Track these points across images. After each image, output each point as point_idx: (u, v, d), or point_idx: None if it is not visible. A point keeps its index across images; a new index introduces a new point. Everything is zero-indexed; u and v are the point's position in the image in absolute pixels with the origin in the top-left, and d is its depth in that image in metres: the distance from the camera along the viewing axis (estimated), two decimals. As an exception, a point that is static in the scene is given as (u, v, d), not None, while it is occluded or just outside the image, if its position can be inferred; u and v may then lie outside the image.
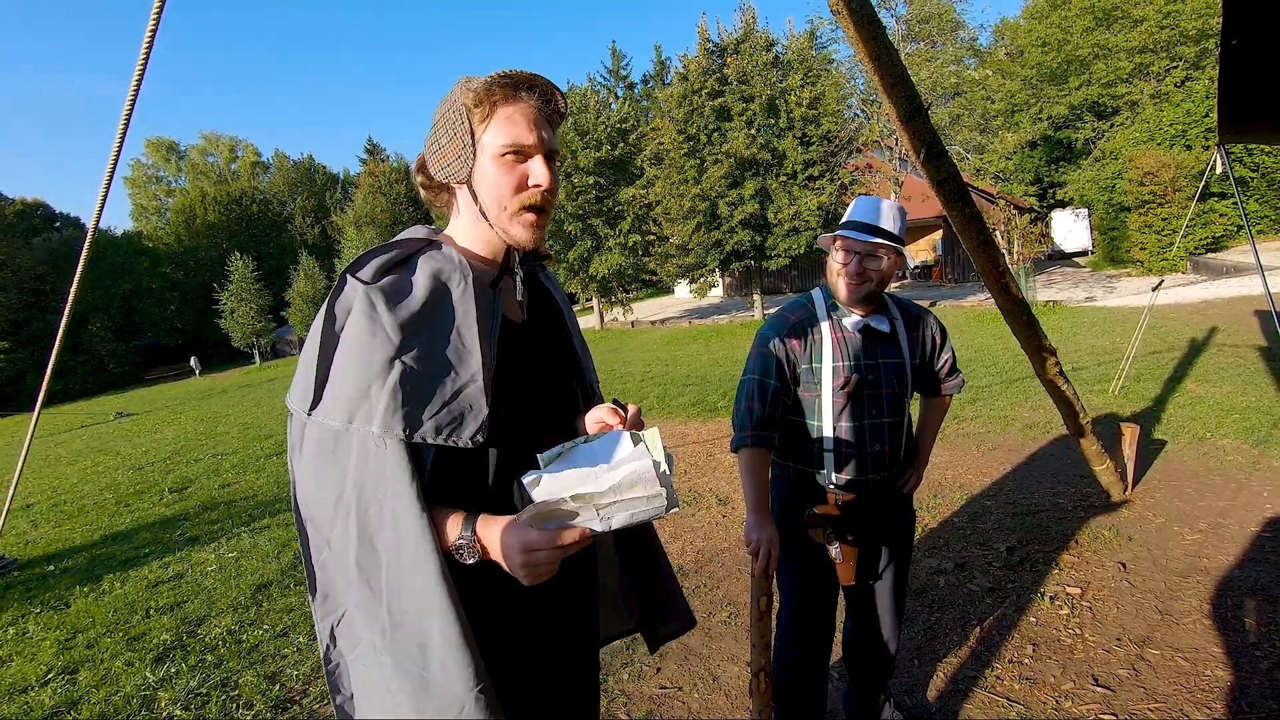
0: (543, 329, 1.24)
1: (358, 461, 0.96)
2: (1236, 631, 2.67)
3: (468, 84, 1.07)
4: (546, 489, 0.92)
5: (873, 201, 1.90)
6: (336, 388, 0.97)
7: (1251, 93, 2.72)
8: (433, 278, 1.04)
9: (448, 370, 1.01)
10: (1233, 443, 4.75)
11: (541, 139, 1.07)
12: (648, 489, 0.92)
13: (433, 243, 1.11)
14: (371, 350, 0.96)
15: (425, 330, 1.00)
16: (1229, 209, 17.78)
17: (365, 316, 0.97)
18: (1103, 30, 21.94)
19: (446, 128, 1.08)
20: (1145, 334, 7.14)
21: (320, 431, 0.98)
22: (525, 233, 1.10)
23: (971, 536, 3.78)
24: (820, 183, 17.12)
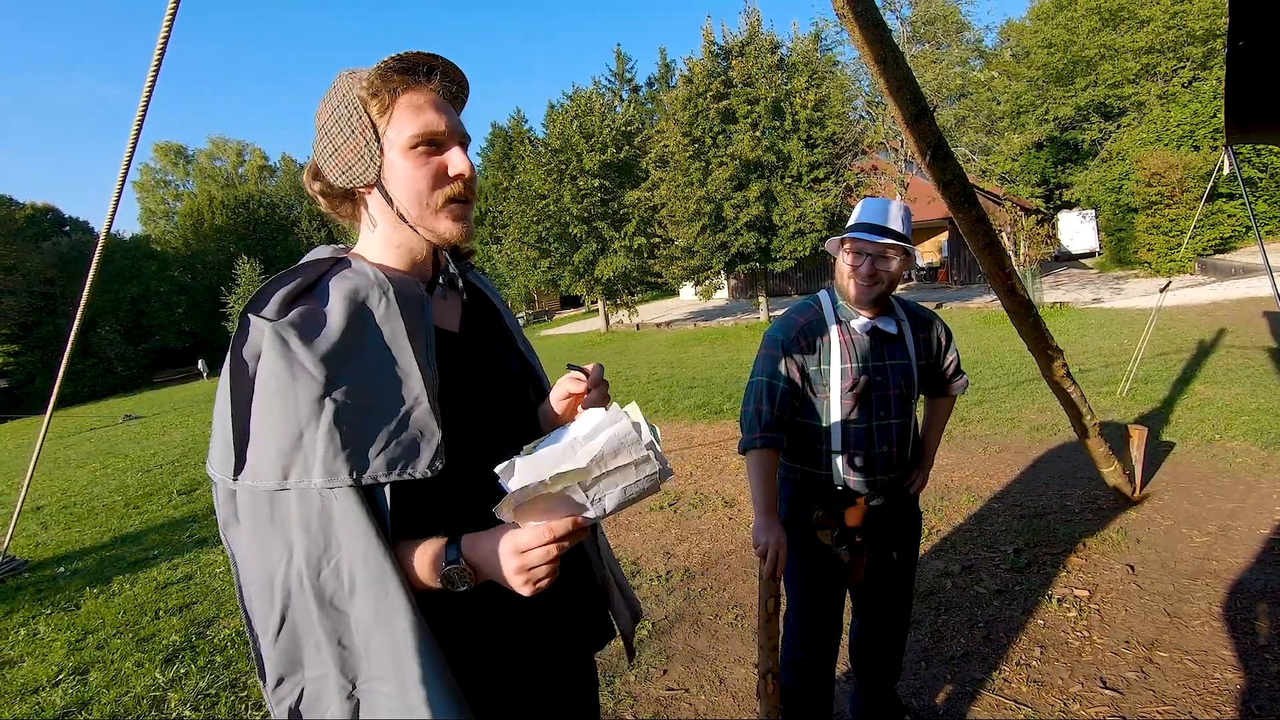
0: (483, 335, 1.14)
1: (301, 521, 0.85)
2: (1246, 634, 2.65)
3: (354, 75, 0.96)
4: (522, 474, 0.83)
5: (881, 202, 1.91)
6: (261, 444, 0.85)
7: (1259, 93, 2.72)
8: (348, 299, 0.92)
9: (387, 398, 0.90)
10: (1242, 445, 4.73)
11: (454, 125, 0.98)
12: (633, 453, 0.82)
13: (340, 261, 1.00)
14: (295, 393, 0.84)
15: (352, 359, 0.89)
16: (1237, 209, 17.67)
17: (279, 357, 0.85)
18: (1109, 31, 21.88)
19: (340, 126, 0.96)
20: (1153, 335, 7.10)
21: (252, 497, 0.86)
22: (454, 226, 1.00)
23: (978, 539, 3.77)
24: (825, 185, 17.10)
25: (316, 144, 0.99)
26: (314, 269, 0.98)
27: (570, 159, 21.25)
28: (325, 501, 0.84)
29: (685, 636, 3.11)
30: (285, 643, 0.88)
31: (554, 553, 0.84)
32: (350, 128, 0.95)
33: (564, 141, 21.46)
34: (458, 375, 1.03)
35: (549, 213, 21.71)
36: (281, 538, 0.86)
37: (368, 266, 0.98)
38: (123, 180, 2.46)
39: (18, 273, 29.91)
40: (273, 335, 0.86)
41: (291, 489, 0.84)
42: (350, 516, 0.84)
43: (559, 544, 0.83)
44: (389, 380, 0.91)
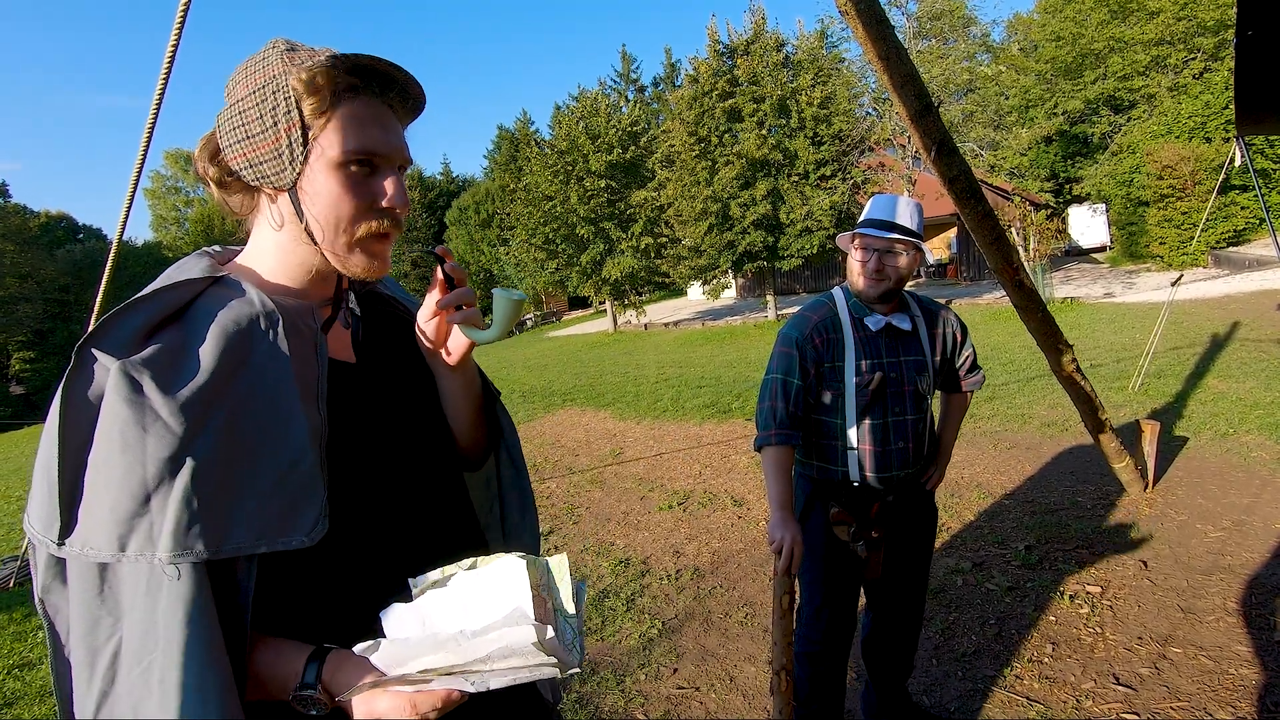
0: (386, 362, 0.98)
1: (131, 595, 0.69)
2: (1262, 630, 2.63)
3: (294, 55, 0.81)
4: (386, 658, 0.71)
5: (890, 198, 1.92)
6: (96, 506, 0.69)
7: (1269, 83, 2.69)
8: (224, 332, 0.76)
9: (262, 453, 0.75)
10: (1256, 439, 4.68)
11: (397, 148, 0.85)
12: (529, 659, 0.70)
13: (219, 279, 0.83)
14: (144, 449, 0.68)
15: (221, 407, 0.74)
16: (1250, 201, 17.46)
17: (127, 405, 0.69)
18: (1118, 23, 21.69)
19: (261, 114, 0.80)
20: (1165, 329, 7.04)
21: (78, 566, 0.70)
22: (368, 264, 0.86)
23: (989, 535, 3.75)
24: (832, 182, 17.04)
25: (223, 120, 0.83)
26: (183, 290, 0.80)
27: (576, 160, 21.28)
28: (168, 582, 0.68)
29: (695, 635, 3.11)
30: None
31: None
32: (273, 119, 0.79)
33: (570, 143, 21.50)
34: (352, 415, 0.89)
35: (556, 214, 21.76)
36: (110, 614, 0.71)
37: (253, 291, 0.82)
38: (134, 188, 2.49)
39: (33, 280, 30.30)
40: (120, 376, 0.70)
41: (127, 563, 0.69)
42: (182, 598, 0.68)
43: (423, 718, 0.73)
44: (267, 431, 0.76)
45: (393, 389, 0.96)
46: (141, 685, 0.68)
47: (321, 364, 0.85)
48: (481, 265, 36.77)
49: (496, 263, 34.03)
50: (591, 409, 9.35)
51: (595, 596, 3.61)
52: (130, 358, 0.71)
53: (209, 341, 0.76)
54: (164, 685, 0.67)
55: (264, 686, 0.77)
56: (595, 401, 9.83)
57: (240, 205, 0.88)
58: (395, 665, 0.72)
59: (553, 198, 21.68)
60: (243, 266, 0.89)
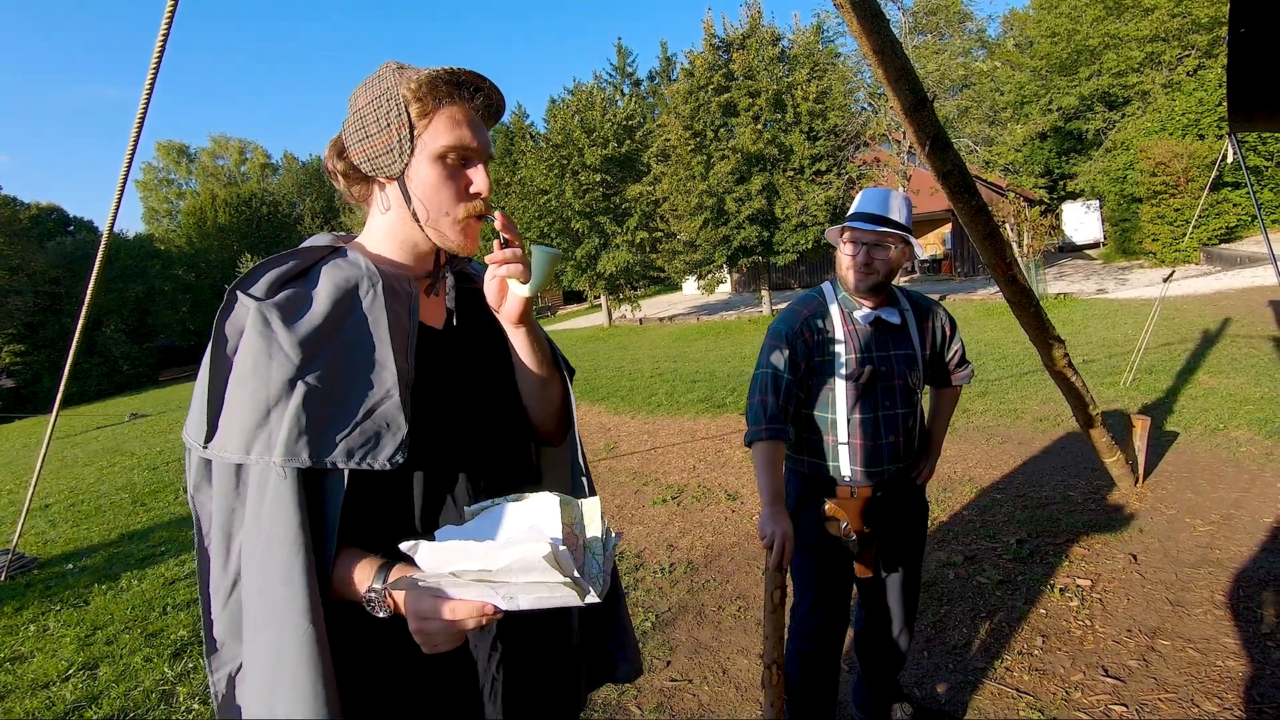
0: (473, 334, 1.13)
1: (256, 496, 0.86)
2: (1249, 622, 2.66)
3: (403, 72, 0.98)
4: (425, 559, 0.81)
5: (879, 192, 1.92)
6: (232, 417, 0.87)
7: (1261, 80, 2.70)
8: (336, 288, 0.96)
9: (358, 387, 0.92)
10: (1246, 434, 4.72)
11: (485, 144, 1.02)
12: (546, 576, 0.78)
13: (337, 250, 1.03)
14: (269, 372, 0.87)
15: (330, 346, 0.92)
16: (1242, 198, 17.55)
17: (259, 336, 0.88)
18: (1113, 19, 21.72)
19: (377, 117, 0.98)
20: (1157, 325, 7.08)
21: (220, 467, 0.89)
22: (466, 241, 1.03)
23: (981, 529, 3.77)
24: (828, 177, 17.03)
25: (348, 125, 1.01)
26: (310, 254, 1.01)
27: (572, 154, 21.20)
28: (279, 481, 0.85)
29: (689, 628, 3.12)
30: (234, 610, 0.89)
31: (453, 630, 0.84)
32: (387, 121, 0.97)
33: (565, 136, 21.41)
34: (437, 373, 1.03)
35: (551, 208, 21.68)
36: (243, 505, 0.88)
37: (362, 258, 1.01)
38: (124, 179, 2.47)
39: (23, 273, 30.00)
40: (256, 314, 0.89)
41: (253, 465, 0.86)
42: (286, 497, 0.85)
43: (459, 623, 0.83)
44: (363, 370, 0.93)
45: (472, 356, 1.11)
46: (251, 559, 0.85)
47: (413, 323, 1.01)
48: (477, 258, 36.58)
49: (491, 257, 33.84)
50: (586, 403, 9.35)
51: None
52: (266, 301, 0.90)
53: (323, 294, 0.94)
54: (264, 561, 0.84)
55: (346, 588, 0.91)
56: (590, 396, 9.83)
57: (359, 194, 1.06)
58: (432, 565, 0.81)
59: (547, 191, 21.60)
60: (358, 243, 1.08)
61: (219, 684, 0.91)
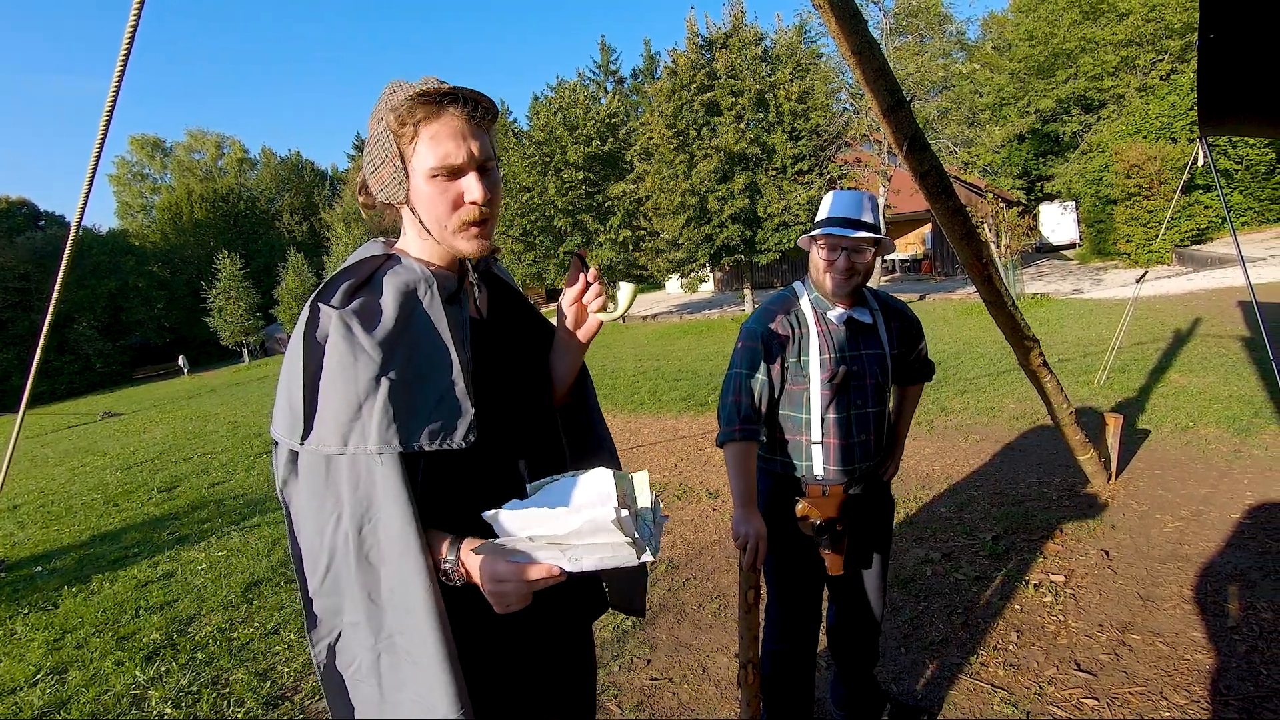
0: (506, 322, 1.25)
1: (352, 482, 0.97)
2: (1216, 616, 2.72)
3: (392, 98, 1.05)
4: (504, 525, 0.93)
5: (852, 195, 1.92)
6: (327, 414, 0.98)
7: (1230, 85, 2.76)
8: (399, 291, 1.06)
9: (430, 378, 1.03)
10: (1215, 432, 4.82)
11: (471, 154, 1.06)
12: (610, 537, 0.90)
13: (391, 257, 1.13)
14: (356, 372, 0.97)
15: (403, 343, 1.02)
16: (1213, 201, 17.94)
17: (344, 340, 0.98)
18: (1089, 24, 22.09)
19: (378, 149, 1.07)
20: (1130, 325, 7.21)
21: (312, 460, 1.00)
22: (470, 246, 1.11)
23: (958, 526, 3.82)
24: (809, 177, 17.13)
25: (364, 159, 1.12)
26: (369, 264, 1.10)
27: (554, 151, 21.11)
28: (372, 467, 0.97)
29: (669, 627, 3.13)
30: (329, 588, 1.01)
31: (525, 590, 0.94)
32: (385, 153, 1.06)
33: (548, 134, 21.31)
34: (486, 358, 1.15)
35: (533, 205, 21.58)
36: (334, 496, 0.98)
37: (415, 263, 1.11)
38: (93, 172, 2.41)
39: (-10, 268, 29.31)
40: (339, 322, 0.99)
41: (347, 455, 0.97)
42: (391, 482, 0.97)
43: (531, 584, 0.93)
44: (432, 362, 1.04)
45: (509, 341, 1.23)
46: (371, 537, 0.97)
47: (465, 317, 1.12)
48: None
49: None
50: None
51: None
52: (345, 310, 1.00)
53: (391, 298, 1.05)
54: (385, 534, 0.97)
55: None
56: (572, 394, 9.79)
57: (388, 217, 1.18)
58: (511, 530, 0.92)
59: (530, 189, 21.49)
60: (404, 249, 1.17)
61: (320, 655, 1.03)
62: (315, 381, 0.99)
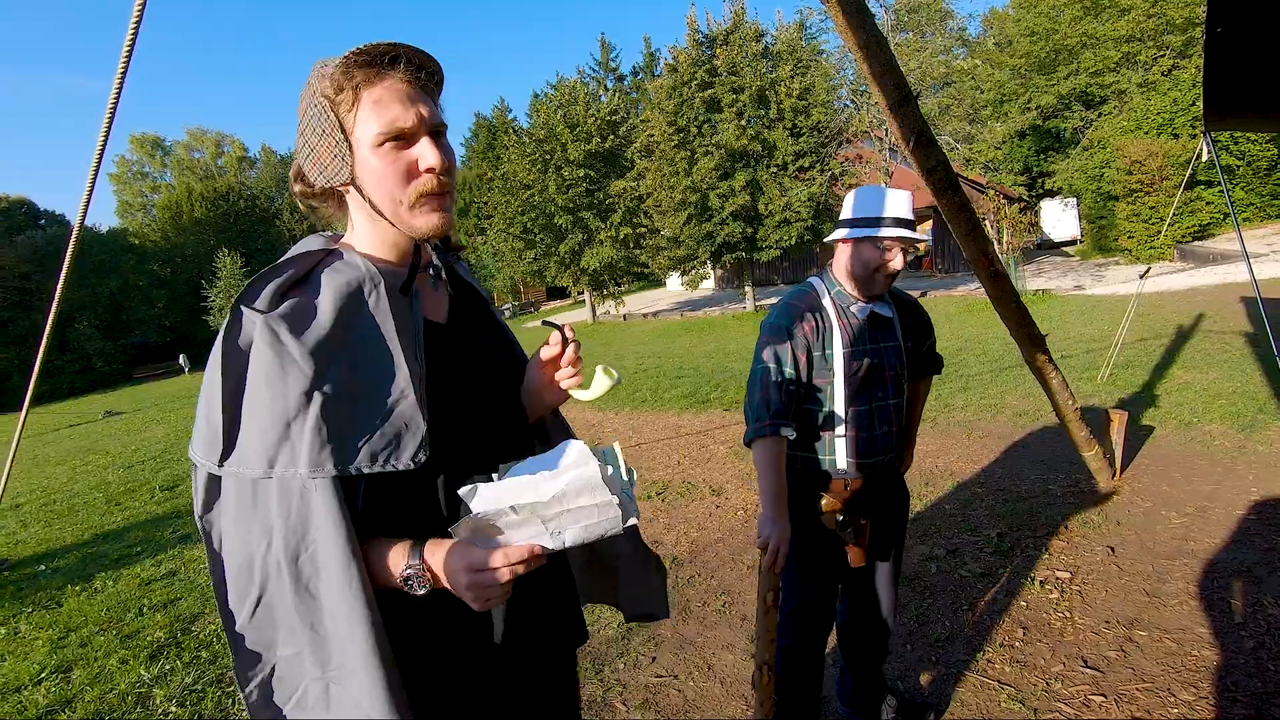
0: (470, 328, 1.14)
1: (283, 507, 0.87)
2: (1222, 612, 2.71)
3: (324, 69, 0.94)
4: (484, 499, 0.86)
5: (895, 195, 1.88)
6: (250, 432, 0.87)
7: (1236, 79, 2.75)
8: (339, 292, 0.94)
9: (374, 390, 0.92)
10: (1219, 428, 4.81)
11: (421, 116, 0.95)
12: (596, 496, 0.85)
13: (332, 253, 1.01)
14: (285, 385, 0.86)
15: (342, 351, 0.91)
16: (1215, 196, 17.90)
17: (270, 349, 0.87)
18: (1090, 19, 22.02)
19: (314, 127, 0.95)
20: (1133, 321, 7.19)
21: (236, 483, 0.88)
22: (429, 221, 0.99)
23: (962, 523, 3.81)
24: (811, 174, 17.11)
25: (297, 143, 0.99)
26: (306, 260, 0.98)
27: (555, 149, 21.09)
28: (306, 490, 0.86)
29: (673, 624, 3.12)
30: (260, 621, 0.90)
31: (507, 575, 0.86)
32: (321, 128, 0.94)
33: (549, 131, 21.29)
34: (445, 367, 1.03)
35: (534, 203, 21.57)
36: (262, 523, 0.87)
37: (359, 258, 0.99)
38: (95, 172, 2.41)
39: (-9, 267, 29.32)
40: (264, 327, 0.87)
41: (275, 478, 0.86)
42: (327, 507, 0.86)
43: (512, 568, 0.86)
44: (377, 373, 0.92)
45: (476, 347, 1.13)
46: (309, 565, 0.86)
47: (417, 320, 1.00)
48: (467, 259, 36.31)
49: (474, 252, 33.66)
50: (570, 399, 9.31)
51: (574, 587, 3.60)
52: (272, 314, 0.88)
53: (329, 300, 0.92)
54: (322, 563, 0.86)
55: (379, 577, 0.91)
56: (574, 392, 9.78)
57: (330, 208, 1.05)
58: (491, 504, 0.85)
59: (530, 187, 21.48)
60: (348, 244, 1.05)
61: (252, 694, 0.91)
62: (237, 396, 0.87)
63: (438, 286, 1.11)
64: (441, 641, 1.00)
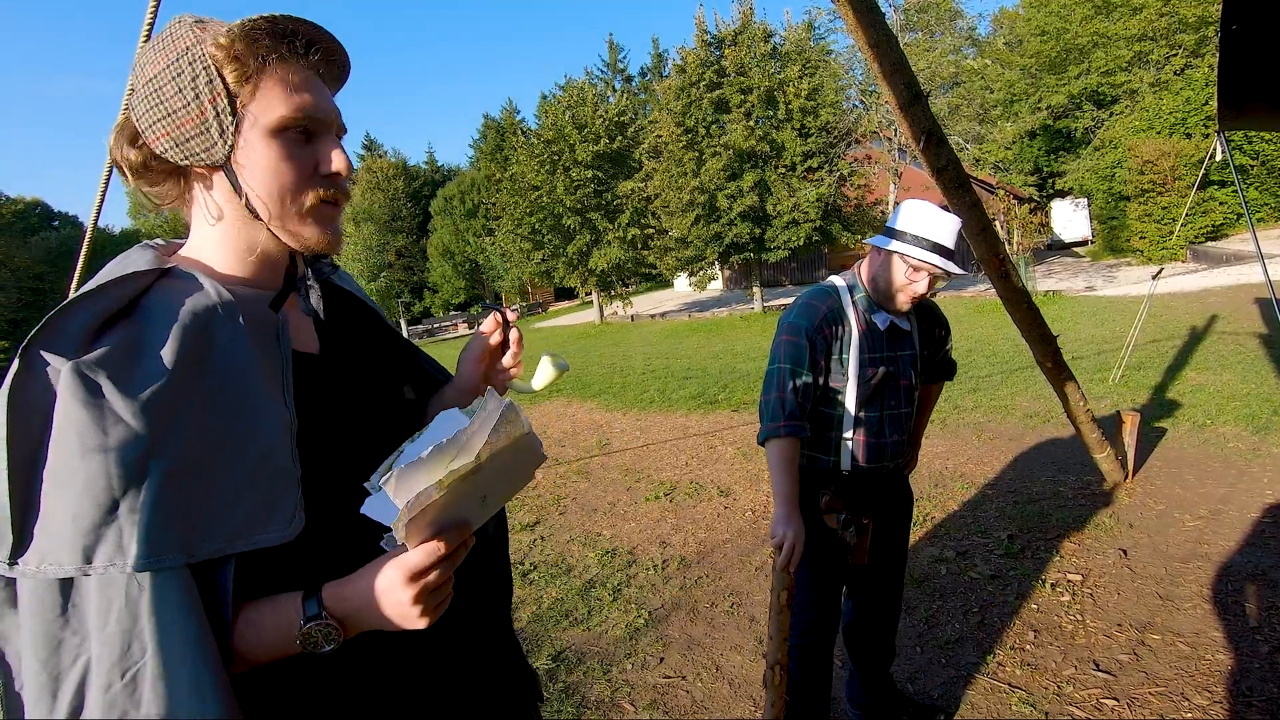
0: (350, 351, 0.94)
1: (101, 615, 0.64)
2: (1237, 616, 2.68)
3: (205, 26, 0.76)
4: (407, 484, 0.66)
5: (953, 223, 1.82)
6: (55, 519, 0.64)
7: (1251, 78, 2.72)
8: (181, 325, 0.72)
9: (231, 450, 0.71)
10: (1233, 430, 4.76)
11: (332, 111, 0.82)
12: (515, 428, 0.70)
13: (168, 271, 0.78)
14: (105, 454, 0.64)
15: (187, 404, 0.70)
16: (1229, 197, 17.73)
17: (84, 407, 0.64)
18: (1102, 18, 21.86)
19: (179, 86, 0.74)
20: (1145, 323, 7.13)
21: (37, 585, 0.65)
22: (321, 233, 0.82)
23: (972, 525, 3.79)
24: (819, 174, 17.08)
25: (137, 102, 0.77)
26: (129, 283, 0.75)
27: (563, 150, 21.15)
28: (137, 591, 0.64)
29: (682, 625, 3.12)
30: None
31: (449, 572, 0.72)
32: (194, 91, 0.74)
33: (557, 132, 21.36)
34: (321, 406, 0.84)
35: (542, 204, 21.63)
36: (76, 633, 0.66)
37: (207, 281, 0.77)
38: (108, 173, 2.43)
39: (6, 268, 29.70)
40: (73, 378, 0.65)
41: (94, 576, 0.64)
42: (168, 605, 0.65)
43: (453, 559, 0.72)
44: (235, 427, 0.72)
45: (358, 378, 0.92)
46: (126, 697, 0.64)
47: (285, 354, 0.80)
48: (467, 255, 36.48)
49: (482, 253, 33.76)
50: (578, 400, 9.33)
51: (582, 586, 3.60)
52: (83, 357, 0.66)
53: (165, 338, 0.71)
54: (155, 690, 0.64)
55: (266, 644, 0.72)
56: (582, 392, 9.80)
57: (169, 193, 0.82)
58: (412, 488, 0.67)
59: (539, 188, 21.54)
60: (189, 258, 0.83)
61: None
62: (30, 471, 0.65)
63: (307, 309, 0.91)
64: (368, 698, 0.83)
